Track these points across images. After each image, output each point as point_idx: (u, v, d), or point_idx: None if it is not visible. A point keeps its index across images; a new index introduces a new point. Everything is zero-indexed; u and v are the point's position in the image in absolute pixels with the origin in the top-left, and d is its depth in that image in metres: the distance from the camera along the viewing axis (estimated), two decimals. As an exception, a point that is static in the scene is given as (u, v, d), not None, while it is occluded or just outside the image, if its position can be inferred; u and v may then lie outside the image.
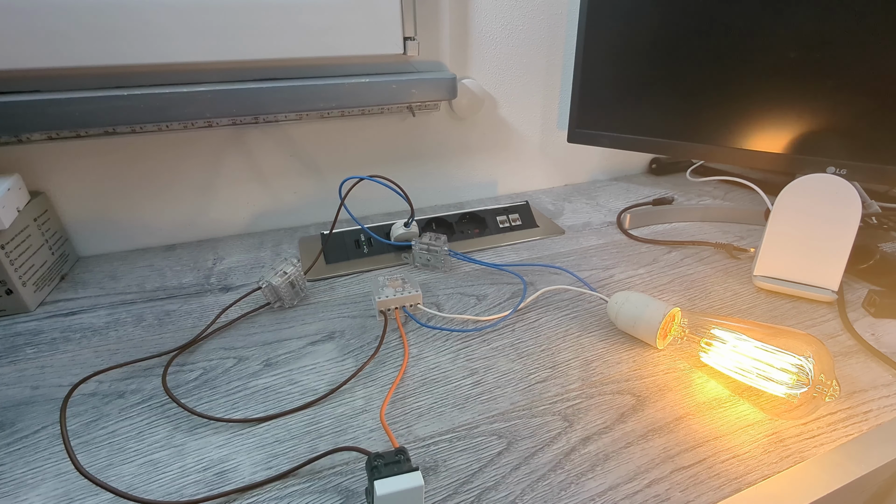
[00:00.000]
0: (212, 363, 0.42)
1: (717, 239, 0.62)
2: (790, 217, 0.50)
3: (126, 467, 0.32)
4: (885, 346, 0.43)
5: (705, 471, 0.32)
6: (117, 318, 0.48)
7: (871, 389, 0.39)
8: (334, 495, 0.30)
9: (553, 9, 0.70)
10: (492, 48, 0.69)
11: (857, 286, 0.52)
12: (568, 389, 0.39)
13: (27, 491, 0.31)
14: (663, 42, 0.58)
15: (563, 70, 0.75)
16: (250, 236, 0.66)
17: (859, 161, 0.51)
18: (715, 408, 0.37)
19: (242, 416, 0.36)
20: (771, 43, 0.52)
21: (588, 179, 0.88)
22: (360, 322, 0.47)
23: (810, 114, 0.52)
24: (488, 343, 0.44)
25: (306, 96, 0.58)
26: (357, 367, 0.41)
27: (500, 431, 0.35)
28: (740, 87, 0.55)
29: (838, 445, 0.34)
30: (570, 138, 0.68)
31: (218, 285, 0.53)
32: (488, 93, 0.72)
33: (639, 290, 0.51)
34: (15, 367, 0.41)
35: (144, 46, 0.52)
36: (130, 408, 0.37)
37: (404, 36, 0.62)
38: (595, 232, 0.66)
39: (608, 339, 0.44)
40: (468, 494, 0.31)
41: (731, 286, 0.53)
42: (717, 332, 0.40)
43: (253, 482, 0.31)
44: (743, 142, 0.57)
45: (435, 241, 0.55)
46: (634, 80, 0.62)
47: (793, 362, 0.35)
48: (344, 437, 0.35)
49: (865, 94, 0.49)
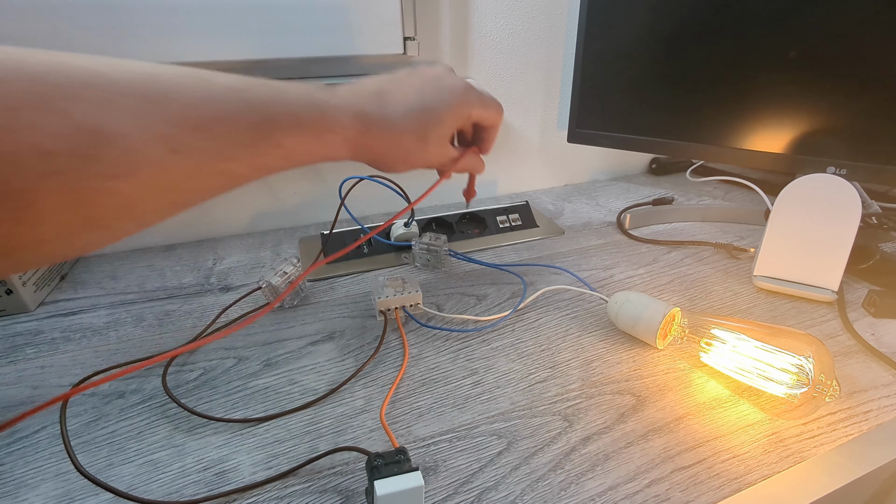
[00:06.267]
0: (212, 363, 0.42)
1: (717, 239, 0.62)
2: (790, 217, 0.50)
3: (126, 467, 0.32)
4: (885, 346, 0.43)
5: (705, 471, 0.32)
6: (117, 318, 0.48)
7: (871, 389, 0.39)
8: (334, 495, 0.30)
9: (553, 9, 0.70)
10: (492, 48, 0.69)
11: (857, 286, 0.52)
12: (568, 389, 0.39)
13: (27, 491, 0.31)
14: (663, 42, 0.58)
15: (563, 70, 0.75)
16: (250, 236, 0.66)
17: (859, 161, 0.51)
18: (715, 408, 0.37)
19: (242, 416, 0.36)
20: (771, 42, 0.52)
21: (588, 179, 0.88)
22: (360, 322, 0.47)
23: (810, 114, 0.52)
24: (488, 343, 0.44)
25: (306, 96, 0.58)
26: (357, 367, 0.41)
27: (500, 431, 0.35)
28: (740, 87, 0.55)
29: (838, 445, 0.34)
30: (570, 138, 0.68)
31: (218, 285, 0.53)
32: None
33: (639, 290, 0.51)
34: (15, 367, 0.41)
35: (145, 46, 0.52)
36: (130, 408, 0.37)
37: (404, 36, 0.62)
38: (595, 232, 0.66)
39: (608, 339, 0.44)
40: (468, 494, 0.31)
41: (731, 286, 0.53)
42: (717, 332, 0.40)
43: (253, 482, 0.31)
44: (743, 142, 0.57)
45: (435, 241, 0.55)
46: (634, 79, 0.62)
47: (793, 362, 0.35)
48: (344, 437, 0.35)
49: (865, 94, 0.49)
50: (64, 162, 0.20)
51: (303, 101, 0.29)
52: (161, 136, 0.23)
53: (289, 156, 0.29)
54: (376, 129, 0.32)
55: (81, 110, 0.21)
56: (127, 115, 0.22)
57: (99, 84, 0.22)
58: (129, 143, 0.22)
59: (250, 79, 0.27)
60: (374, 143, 0.32)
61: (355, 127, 0.31)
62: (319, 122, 0.29)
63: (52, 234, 0.21)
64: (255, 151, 0.27)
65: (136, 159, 0.22)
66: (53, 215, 0.21)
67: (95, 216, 0.22)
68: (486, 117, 0.38)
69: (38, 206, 0.20)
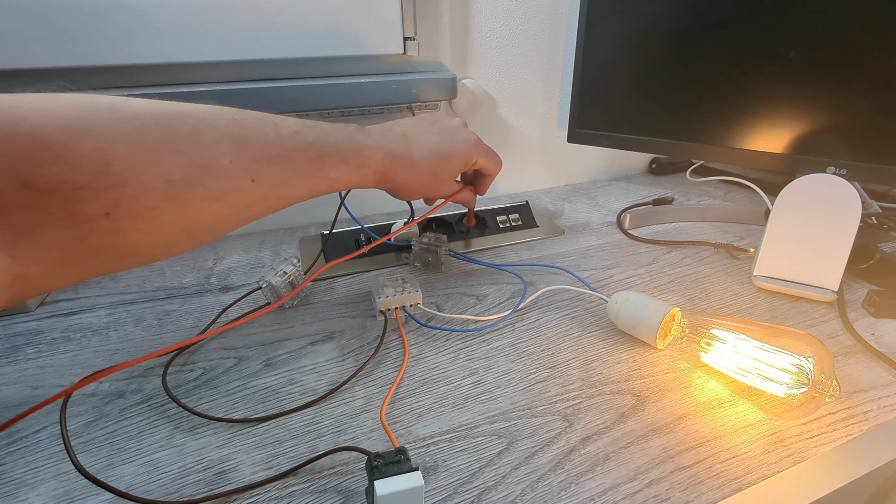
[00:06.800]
0: (212, 363, 0.42)
1: (717, 239, 0.62)
2: (790, 217, 0.50)
3: (126, 467, 0.32)
4: (885, 346, 0.43)
5: (705, 471, 0.32)
6: (117, 318, 0.48)
7: (871, 389, 0.39)
8: (334, 495, 0.30)
9: (553, 9, 0.70)
10: (492, 48, 0.69)
11: (857, 286, 0.52)
12: (568, 389, 0.39)
13: (27, 491, 0.31)
14: (663, 42, 0.58)
15: (563, 70, 0.75)
16: (250, 236, 0.66)
17: (859, 161, 0.51)
18: (715, 408, 0.37)
19: (242, 416, 0.36)
20: (771, 42, 0.52)
21: (588, 179, 0.88)
22: (360, 322, 0.47)
23: (810, 114, 0.52)
24: (488, 343, 0.44)
25: (306, 96, 0.58)
26: (357, 367, 0.41)
27: (500, 431, 0.35)
28: (740, 87, 0.55)
29: (838, 445, 0.34)
30: (570, 138, 0.68)
31: (218, 285, 0.53)
32: (488, 93, 0.72)
33: (639, 290, 0.51)
34: (15, 367, 0.41)
35: (145, 46, 0.52)
36: (130, 408, 0.37)
37: (404, 36, 0.62)
38: (595, 232, 0.66)
39: (608, 339, 0.44)
40: (468, 494, 0.31)
41: (731, 286, 0.53)
42: (717, 332, 0.40)
43: (253, 482, 0.31)
44: (743, 142, 0.57)
45: (435, 241, 0.55)
46: (634, 79, 0.62)
47: (793, 362, 0.35)
48: (344, 437, 0.35)
49: (865, 94, 0.49)
50: (181, 188, 0.27)
51: (346, 142, 0.37)
52: (246, 168, 0.31)
53: (332, 184, 0.37)
54: (401, 167, 0.41)
55: (195, 150, 0.28)
56: (225, 153, 0.29)
57: (205, 129, 0.29)
58: (225, 174, 0.29)
59: (307, 123, 0.36)
60: (397, 177, 0.41)
61: (384, 163, 0.39)
62: (358, 159, 0.38)
63: (163, 242, 0.28)
64: (310, 181, 0.35)
65: (228, 186, 0.30)
66: (167, 228, 0.28)
67: (193, 230, 0.29)
68: (487, 168, 0.48)
69: (159, 221, 0.27)
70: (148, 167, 0.26)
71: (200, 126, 0.29)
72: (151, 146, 0.26)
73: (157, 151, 0.26)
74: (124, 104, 0.27)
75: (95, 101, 0.26)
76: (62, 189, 0.23)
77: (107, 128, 0.25)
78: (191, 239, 0.30)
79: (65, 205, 0.23)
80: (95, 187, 0.24)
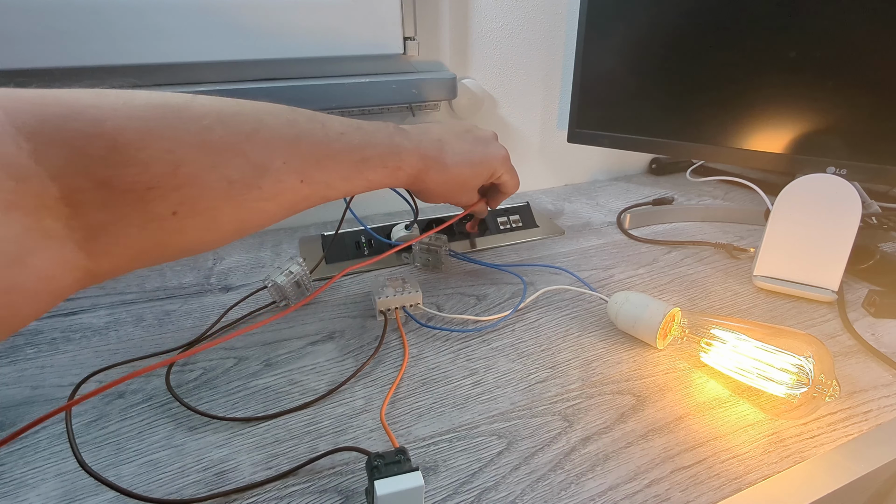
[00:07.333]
0: (212, 363, 0.42)
1: (717, 239, 0.62)
2: (790, 217, 0.50)
3: (126, 467, 0.32)
4: (885, 346, 0.43)
5: (705, 471, 0.32)
6: (117, 318, 0.48)
7: (871, 389, 0.39)
8: (334, 495, 0.30)
9: (553, 9, 0.70)
10: (492, 48, 0.69)
11: (857, 286, 0.52)
12: (568, 389, 0.39)
13: (27, 491, 0.31)
14: (663, 42, 0.58)
15: (563, 70, 0.75)
16: (250, 236, 0.66)
17: (859, 161, 0.51)
18: (715, 408, 0.37)
19: (242, 416, 0.36)
20: (771, 42, 0.52)
21: (588, 179, 0.88)
22: (360, 322, 0.47)
23: (810, 113, 0.52)
24: (488, 343, 0.44)
25: (306, 96, 0.58)
26: (357, 367, 0.41)
27: (500, 431, 0.35)
28: (740, 87, 0.55)
29: (838, 445, 0.34)
30: (570, 138, 0.68)
31: (218, 285, 0.53)
32: (488, 93, 0.72)
33: (639, 290, 0.51)
34: (15, 367, 0.41)
35: (145, 46, 0.52)
36: (131, 408, 0.37)
37: (404, 36, 0.62)
38: (595, 232, 0.66)
39: (608, 339, 0.44)
40: (468, 494, 0.31)
41: (731, 286, 0.53)
42: (717, 332, 0.40)
43: (253, 482, 0.31)
44: (743, 142, 0.57)
45: (435, 242, 0.55)
46: (634, 79, 0.62)
47: (793, 362, 0.35)
48: (344, 437, 0.35)
49: (865, 94, 0.49)
50: (239, 188, 0.28)
51: (387, 146, 0.38)
52: (297, 170, 0.31)
53: (370, 185, 0.37)
54: (433, 171, 0.41)
55: (254, 151, 0.29)
56: (279, 155, 0.30)
57: (262, 129, 0.29)
58: (278, 176, 0.30)
59: (352, 123, 0.36)
60: (427, 179, 0.42)
61: (418, 166, 0.40)
62: (396, 162, 0.38)
63: (218, 239, 0.29)
64: (350, 182, 0.36)
65: (280, 187, 0.30)
66: (223, 227, 0.29)
67: (245, 228, 0.30)
68: (507, 185, 0.49)
69: (217, 220, 0.28)
70: (212, 168, 0.27)
71: (259, 126, 0.29)
72: (216, 147, 0.27)
73: (221, 152, 0.27)
74: (192, 103, 0.27)
75: (167, 101, 0.26)
76: (137, 189, 0.24)
77: (177, 129, 0.26)
78: (239, 235, 0.31)
79: (139, 204, 0.24)
80: (165, 187, 0.25)
